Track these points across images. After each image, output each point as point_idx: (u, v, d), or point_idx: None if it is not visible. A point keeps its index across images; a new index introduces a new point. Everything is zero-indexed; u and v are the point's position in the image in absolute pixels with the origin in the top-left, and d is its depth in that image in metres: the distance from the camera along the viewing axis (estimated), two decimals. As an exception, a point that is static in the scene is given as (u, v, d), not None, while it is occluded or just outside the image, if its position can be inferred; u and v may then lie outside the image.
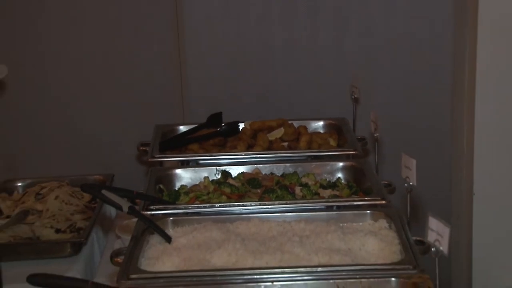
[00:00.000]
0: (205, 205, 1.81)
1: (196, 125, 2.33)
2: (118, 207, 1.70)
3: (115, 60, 2.95)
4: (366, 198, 1.79)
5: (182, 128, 2.34)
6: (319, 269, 1.46)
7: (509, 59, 2.18)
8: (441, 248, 1.34)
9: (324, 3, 2.85)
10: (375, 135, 1.96)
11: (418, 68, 2.81)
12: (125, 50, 2.98)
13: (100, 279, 1.80)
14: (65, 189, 2.49)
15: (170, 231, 1.68)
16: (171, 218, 1.73)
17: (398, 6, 2.82)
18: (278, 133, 2.24)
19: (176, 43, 2.88)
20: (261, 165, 2.07)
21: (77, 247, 2.18)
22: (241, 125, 2.33)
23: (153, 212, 1.74)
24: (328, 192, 1.92)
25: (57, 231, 2.28)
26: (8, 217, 2.35)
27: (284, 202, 1.81)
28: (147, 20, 2.96)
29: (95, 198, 2.40)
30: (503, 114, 2.02)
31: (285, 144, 2.21)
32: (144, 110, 2.85)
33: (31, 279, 1.35)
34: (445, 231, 1.32)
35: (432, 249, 1.37)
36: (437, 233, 1.33)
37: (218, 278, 1.46)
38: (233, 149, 2.20)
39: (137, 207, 1.73)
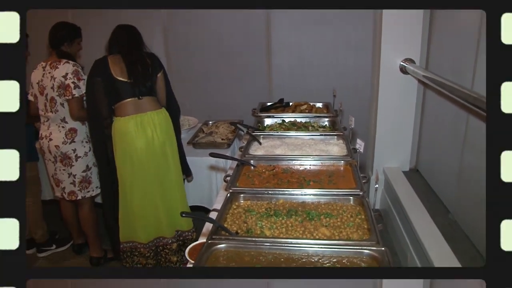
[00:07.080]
0: (274, 132, 1.84)
1: (273, 103, 2.33)
2: (243, 131, 1.79)
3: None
4: (335, 132, 1.78)
5: (268, 104, 2.35)
6: (316, 157, 1.50)
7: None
8: (361, 150, 1.36)
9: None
10: (340, 108, 1.93)
11: (359, 84, 2.57)
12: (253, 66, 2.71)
13: (237, 156, 1.90)
14: (226, 124, 2.57)
15: (261, 140, 1.72)
16: (261, 136, 1.77)
17: (349, 53, 2.55)
18: (304, 107, 2.21)
19: (268, 78, 2.74)
20: (297, 118, 2.07)
21: (228, 145, 2.26)
22: (291, 103, 2.32)
23: (255, 133, 1.78)
24: (321, 129, 1.90)
25: (222, 139, 2.39)
26: (205, 133, 2.49)
27: (304, 132, 1.81)
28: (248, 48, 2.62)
29: (235, 128, 2.46)
30: (393, 104, 1.86)
31: (306, 111, 2.18)
32: (254, 95, 2.72)
33: (211, 153, 1.43)
34: (362, 143, 1.34)
35: (357, 150, 1.39)
36: (359, 144, 1.35)
37: (277, 157, 1.52)
38: (286, 112, 2.19)
39: (249, 131, 1.78)
